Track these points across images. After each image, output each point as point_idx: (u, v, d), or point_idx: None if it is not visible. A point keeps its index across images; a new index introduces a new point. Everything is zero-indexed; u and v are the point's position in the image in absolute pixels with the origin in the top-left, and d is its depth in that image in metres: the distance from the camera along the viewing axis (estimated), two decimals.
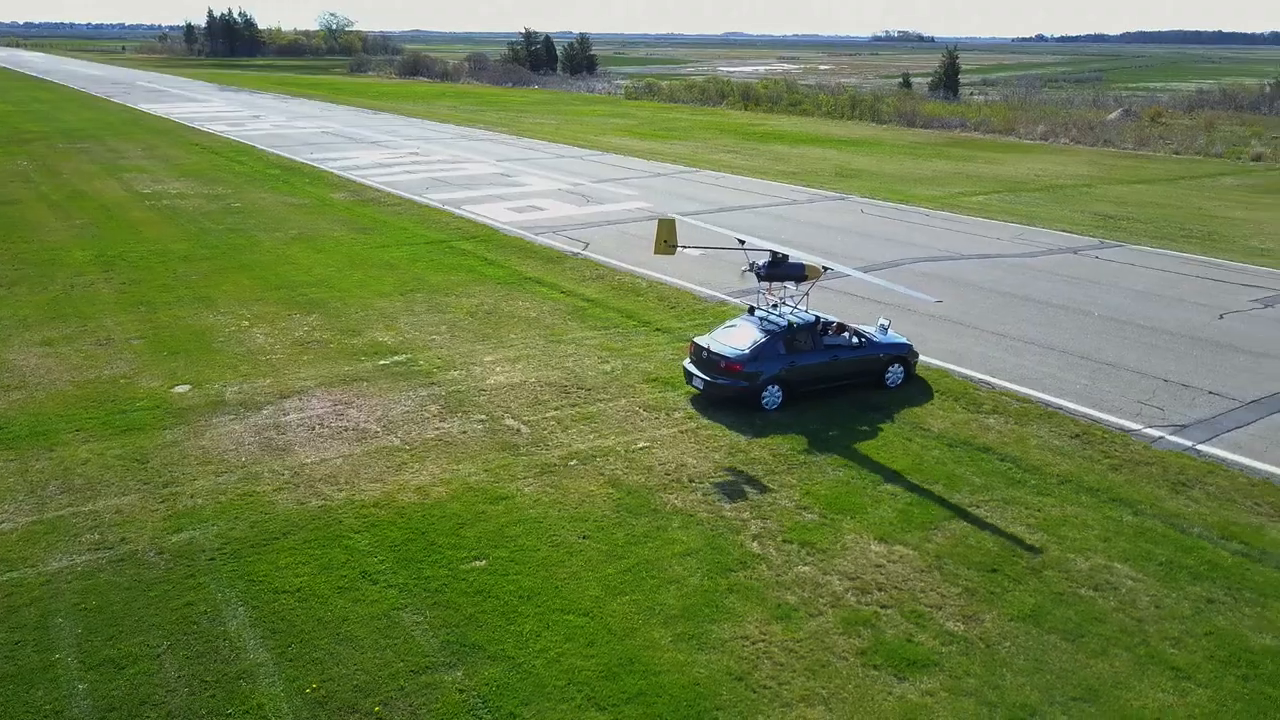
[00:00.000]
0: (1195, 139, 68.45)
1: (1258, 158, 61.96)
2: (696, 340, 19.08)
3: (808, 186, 46.42)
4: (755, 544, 13.56)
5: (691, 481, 15.39)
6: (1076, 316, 24.47)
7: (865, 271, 28.67)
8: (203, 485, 15.10)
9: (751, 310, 19.61)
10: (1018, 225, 36.85)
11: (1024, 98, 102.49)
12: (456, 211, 38.65)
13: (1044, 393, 19.27)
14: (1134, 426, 17.72)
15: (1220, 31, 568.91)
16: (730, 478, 15.54)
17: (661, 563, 13.10)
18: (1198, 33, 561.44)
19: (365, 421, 17.66)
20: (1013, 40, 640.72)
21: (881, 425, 17.69)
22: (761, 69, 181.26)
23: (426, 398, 18.82)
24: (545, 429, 17.40)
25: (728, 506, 14.60)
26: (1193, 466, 16.10)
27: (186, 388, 19.17)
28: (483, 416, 17.92)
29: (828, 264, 19.31)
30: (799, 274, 19.15)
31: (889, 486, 15.31)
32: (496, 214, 38.07)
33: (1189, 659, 11.18)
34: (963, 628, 11.73)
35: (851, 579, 12.73)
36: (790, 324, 18.70)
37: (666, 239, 18.95)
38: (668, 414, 18.10)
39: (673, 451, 16.48)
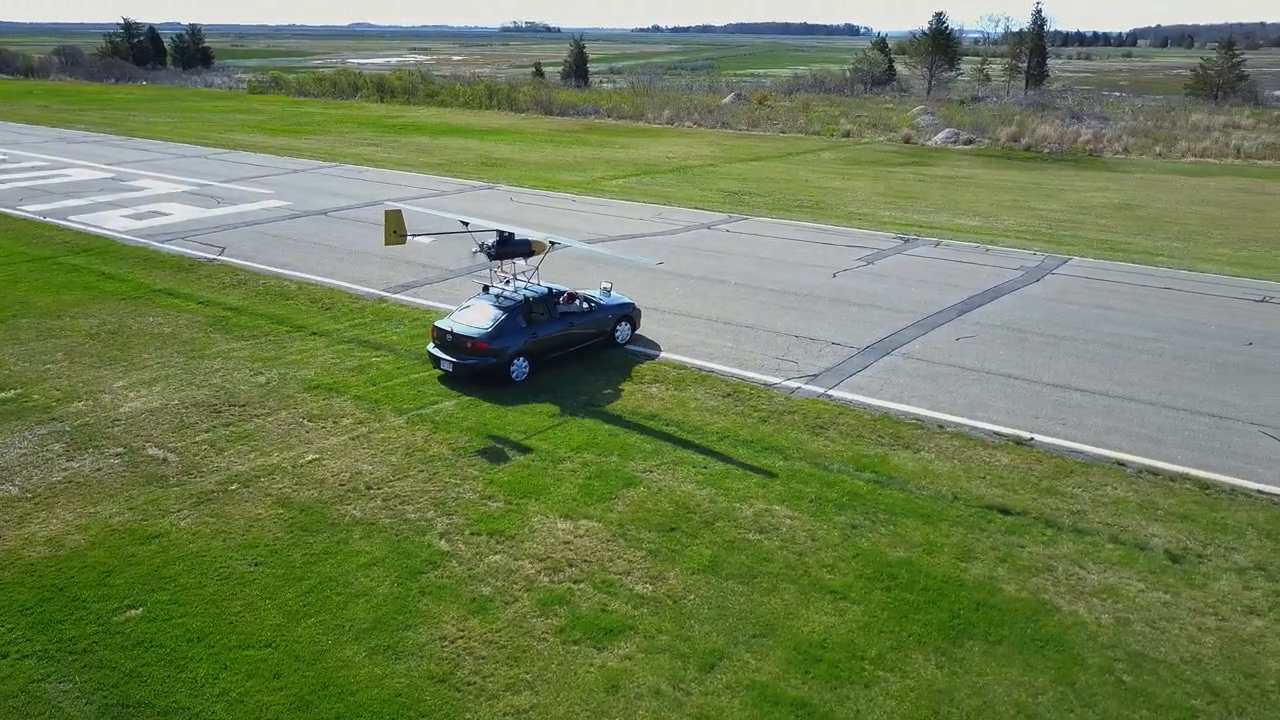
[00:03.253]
0: (796, 119, 76.41)
1: (847, 134, 70.42)
2: (438, 325, 19.45)
3: (454, 177, 46.14)
4: (443, 542, 13.30)
5: (369, 489, 14.78)
6: (716, 286, 26.42)
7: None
8: None
9: (486, 289, 19.95)
10: (657, 206, 39.08)
11: (649, 85, 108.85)
12: (62, 223, 34.08)
13: (696, 358, 20.63)
14: (775, 380, 19.47)
15: (805, 24, 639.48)
16: (410, 478, 15.11)
17: (346, 577, 12.46)
18: (787, 24, 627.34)
19: None
20: (632, 31, 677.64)
21: (554, 405, 18.03)
22: (393, 60, 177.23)
23: (47, 436, 16.47)
24: (197, 454, 15.88)
25: (410, 508, 14.19)
26: (827, 410, 18.01)
27: None
28: (120, 449, 16.01)
29: (553, 238, 20.33)
30: (526, 250, 20.06)
31: (568, 464, 15.65)
32: (112, 223, 34.06)
33: (843, 581, 12.51)
34: (651, 589, 12.28)
35: (542, 560, 12.88)
36: (526, 298, 19.37)
37: (395, 229, 19.10)
38: (335, 421, 17.22)
39: (345, 460, 15.71)
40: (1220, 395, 18.85)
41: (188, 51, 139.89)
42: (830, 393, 18.87)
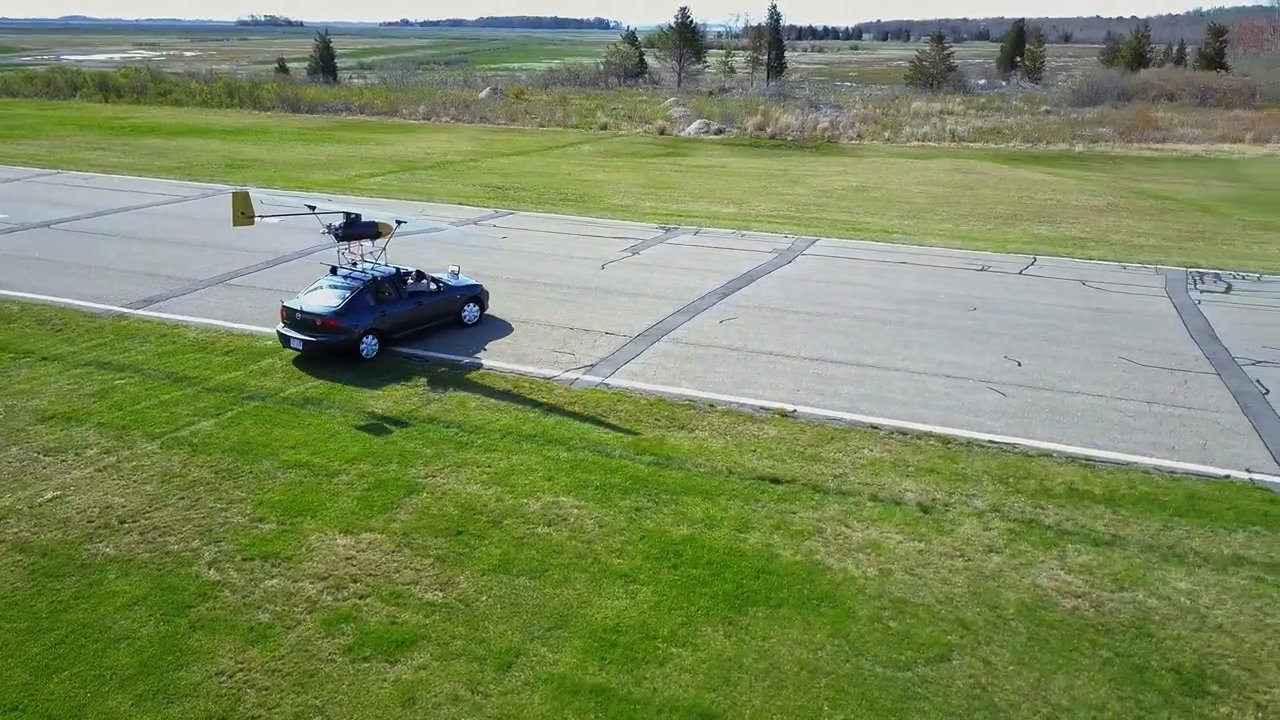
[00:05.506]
0: (554, 113, 76.94)
1: (604, 126, 71.68)
2: (287, 304, 19.89)
3: (197, 180, 43.10)
4: (212, 571, 12.46)
5: (123, 523, 13.58)
6: (488, 282, 26.04)
7: (278, 263, 27.68)
8: None
9: (334, 270, 20.57)
10: (419, 203, 38.22)
11: (402, 80, 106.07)
12: None
13: (455, 354, 20.39)
14: (554, 373, 19.60)
15: (556, 18, 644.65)
16: (169, 507, 14.02)
17: (103, 622, 11.42)
18: (539, 18, 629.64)
19: None
20: (380, 25, 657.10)
21: (324, 417, 17.28)
22: (117, 56, 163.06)
23: None
24: None
25: (172, 539, 13.18)
26: (606, 399, 18.33)
27: None
28: None
29: (400, 218, 21.42)
30: (373, 231, 20.85)
31: (345, 477, 15.06)
32: None
33: (631, 564, 12.81)
34: (441, 595, 12.06)
35: (324, 579, 12.35)
36: (374, 277, 20.16)
37: (243, 210, 19.38)
38: (77, 453, 15.69)
39: (93, 495, 14.36)
40: (953, 357, 20.78)
41: None
42: (607, 381, 19.20)
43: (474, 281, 22.85)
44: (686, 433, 16.87)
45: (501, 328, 22.31)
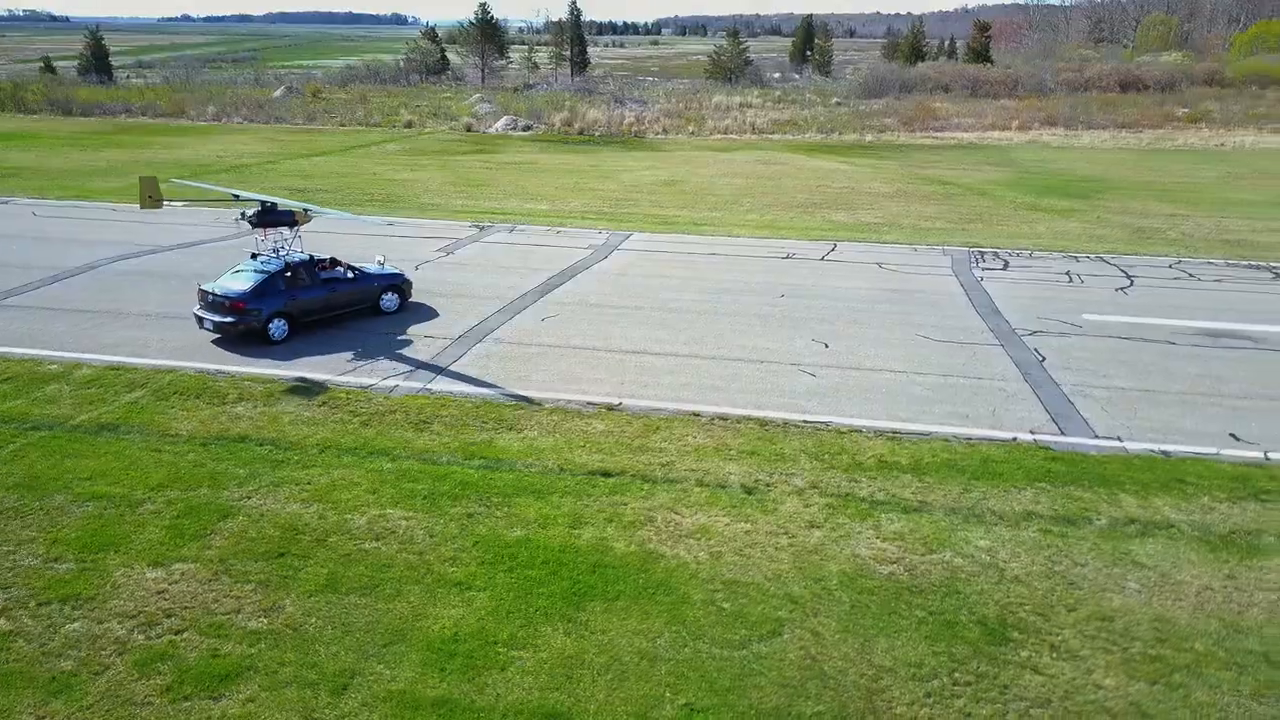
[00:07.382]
0: (355, 111, 74.54)
1: (409, 124, 70.07)
2: (202, 286, 21.02)
3: None
4: (3, 620, 11.38)
5: None
6: None
7: (58, 280, 25.56)
8: None
9: (254, 256, 21.62)
10: (213, 210, 36.06)
11: (186, 79, 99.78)
12: None
13: (282, 368, 19.50)
14: (372, 381, 19.02)
15: (351, 13, 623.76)
16: None
17: None
18: (331, 14, 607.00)
19: None
20: (158, 20, 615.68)
21: (122, 443, 16.09)
22: None
23: None
24: None
25: None
26: (429, 405, 17.96)
27: None
28: None
29: (309, 207, 22.52)
30: (289, 220, 21.69)
31: (150, 506, 14.09)
32: None
33: (466, 571, 12.63)
34: (266, 622, 11.51)
35: (133, 617, 11.52)
36: (287, 263, 21.16)
37: (151, 194, 20.06)
38: None
39: None
40: (765, 343, 21.61)
41: None
42: (429, 386, 18.82)
43: (397, 271, 23.66)
44: (515, 433, 16.78)
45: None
